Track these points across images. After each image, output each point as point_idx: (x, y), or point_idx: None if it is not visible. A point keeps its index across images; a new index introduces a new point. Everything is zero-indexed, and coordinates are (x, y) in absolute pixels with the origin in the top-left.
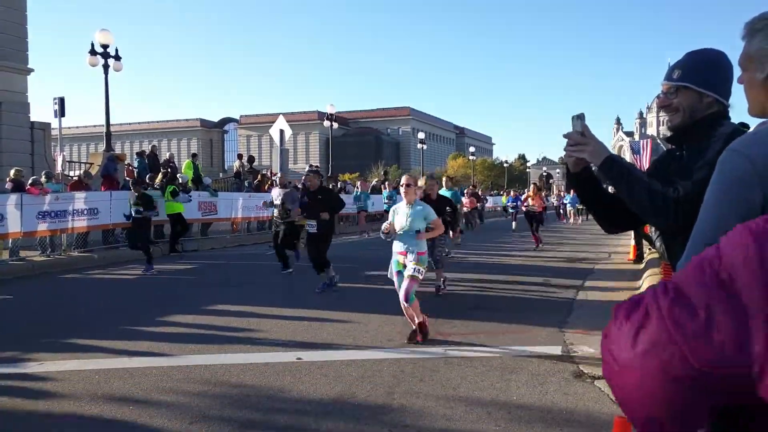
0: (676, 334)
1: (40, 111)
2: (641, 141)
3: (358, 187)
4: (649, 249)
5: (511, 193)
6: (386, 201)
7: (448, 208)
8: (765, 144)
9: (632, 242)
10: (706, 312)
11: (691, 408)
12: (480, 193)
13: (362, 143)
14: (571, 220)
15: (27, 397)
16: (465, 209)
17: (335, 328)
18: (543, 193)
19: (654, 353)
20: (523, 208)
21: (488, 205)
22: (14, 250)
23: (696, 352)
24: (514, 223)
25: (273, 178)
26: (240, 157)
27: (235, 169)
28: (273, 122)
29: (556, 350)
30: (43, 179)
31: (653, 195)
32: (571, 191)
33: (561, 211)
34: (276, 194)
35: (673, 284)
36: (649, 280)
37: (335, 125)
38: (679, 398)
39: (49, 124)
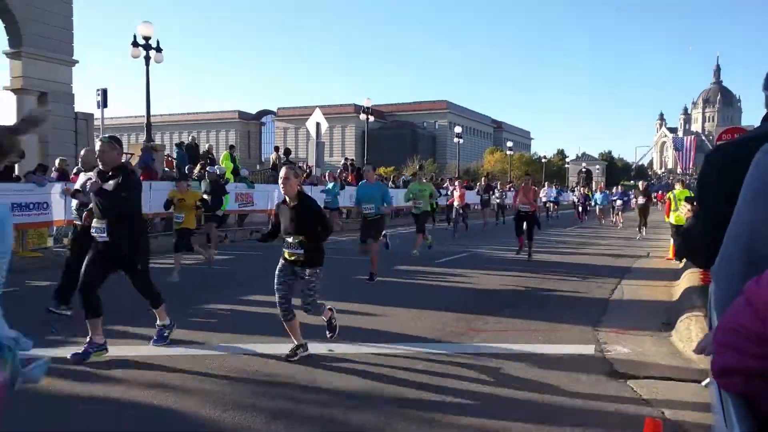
0: None
1: (84, 102)
2: (685, 138)
3: (326, 177)
4: None
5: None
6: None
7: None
8: None
9: (671, 241)
10: None
11: None
12: (497, 186)
13: (398, 137)
14: (603, 221)
15: (69, 379)
16: (456, 204)
17: (367, 322)
18: (537, 189)
19: None
20: (515, 207)
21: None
22: (58, 237)
23: None
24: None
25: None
26: (276, 149)
27: (271, 161)
28: (310, 115)
29: (590, 349)
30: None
31: None
32: (600, 188)
33: (581, 209)
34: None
35: None
36: (687, 279)
37: (371, 118)
38: None
39: (92, 114)
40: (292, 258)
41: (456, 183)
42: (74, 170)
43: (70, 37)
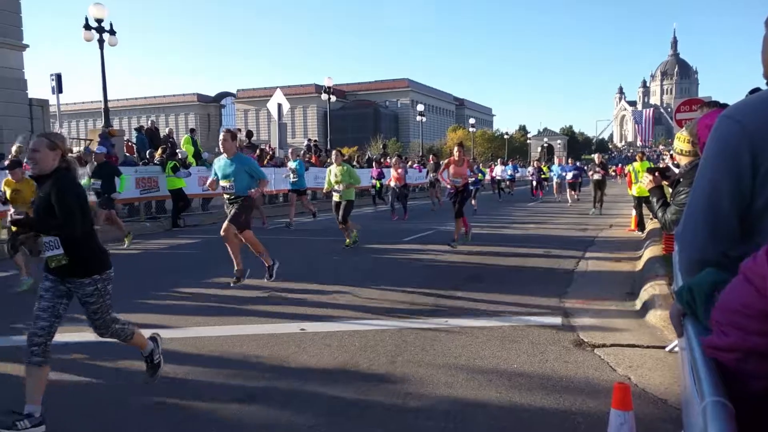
0: None
1: (39, 88)
2: (644, 111)
3: (288, 157)
4: (651, 219)
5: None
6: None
7: None
8: (756, 108)
9: (633, 212)
10: None
11: None
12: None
13: (361, 116)
14: (558, 197)
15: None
16: (393, 185)
17: (337, 300)
18: (470, 161)
19: None
20: (445, 183)
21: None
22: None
23: None
24: (474, 202)
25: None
26: (238, 131)
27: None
28: (270, 96)
29: (557, 320)
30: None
31: None
32: (558, 161)
33: (537, 184)
34: None
35: None
36: (650, 250)
37: (333, 98)
38: None
39: (47, 101)
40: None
41: (394, 161)
42: (25, 159)
43: (19, 21)
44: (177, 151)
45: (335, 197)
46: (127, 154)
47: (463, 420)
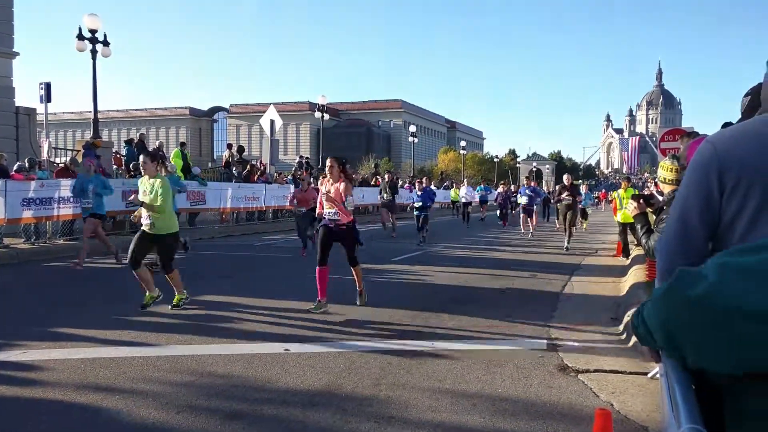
0: None
1: (27, 96)
2: (630, 139)
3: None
4: (635, 245)
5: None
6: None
7: None
8: (732, 135)
9: (618, 238)
10: None
11: None
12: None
13: (353, 135)
14: (522, 229)
15: (10, 384)
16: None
17: (323, 319)
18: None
19: None
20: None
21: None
22: None
23: None
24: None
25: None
26: (229, 146)
27: (224, 158)
28: (263, 112)
29: (542, 344)
30: (27, 165)
31: None
32: (527, 184)
33: (505, 210)
34: None
35: None
36: (634, 275)
37: (326, 116)
38: None
39: (34, 109)
40: None
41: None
42: (15, 167)
43: (11, 29)
44: (166, 164)
45: (144, 227)
46: (115, 167)
47: None
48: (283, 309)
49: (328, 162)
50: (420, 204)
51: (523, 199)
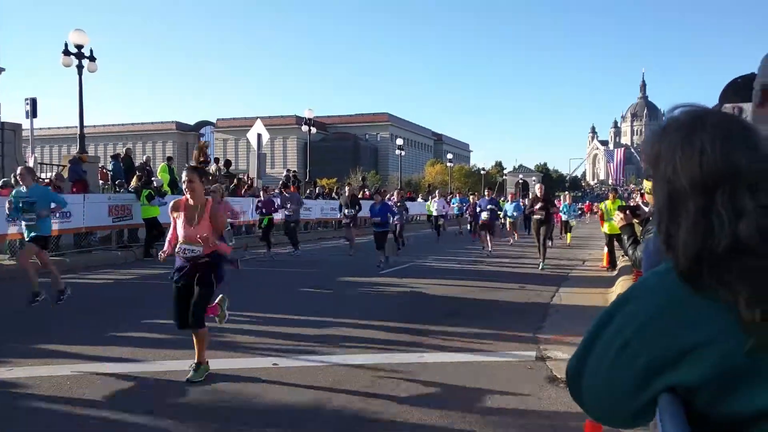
0: None
1: (12, 112)
2: (616, 150)
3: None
4: (622, 256)
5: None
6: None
7: None
8: None
9: (605, 250)
10: None
11: None
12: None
13: (340, 148)
14: (514, 238)
15: None
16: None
17: (311, 334)
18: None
19: None
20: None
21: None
22: None
23: None
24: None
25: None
26: (216, 161)
27: (211, 173)
28: (250, 126)
29: (531, 356)
30: (12, 181)
31: None
32: (510, 197)
33: (475, 224)
34: None
35: None
36: (621, 285)
37: (313, 130)
38: None
39: (20, 125)
40: None
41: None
42: (0, 183)
43: None
44: (152, 179)
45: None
46: (101, 182)
47: None
48: (272, 323)
49: (185, 175)
50: (378, 220)
51: (484, 215)
